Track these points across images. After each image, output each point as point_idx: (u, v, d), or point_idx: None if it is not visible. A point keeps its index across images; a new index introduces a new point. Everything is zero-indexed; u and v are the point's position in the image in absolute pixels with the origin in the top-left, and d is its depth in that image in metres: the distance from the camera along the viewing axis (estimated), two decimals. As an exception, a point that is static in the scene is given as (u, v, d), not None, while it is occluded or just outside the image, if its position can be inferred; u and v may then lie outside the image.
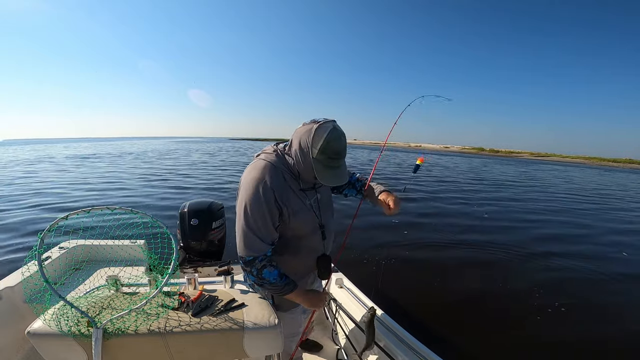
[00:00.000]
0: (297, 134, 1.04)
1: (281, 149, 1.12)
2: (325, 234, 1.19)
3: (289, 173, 1.08)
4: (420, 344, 1.32)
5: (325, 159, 0.99)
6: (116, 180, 10.30)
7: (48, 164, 16.15)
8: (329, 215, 1.25)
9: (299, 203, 1.10)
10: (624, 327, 2.88)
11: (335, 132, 0.98)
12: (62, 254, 1.87)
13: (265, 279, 1.05)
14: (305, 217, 1.12)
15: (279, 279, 1.06)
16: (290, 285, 1.10)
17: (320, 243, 1.19)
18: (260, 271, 1.04)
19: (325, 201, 1.24)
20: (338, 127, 1.00)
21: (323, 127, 0.98)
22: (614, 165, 56.10)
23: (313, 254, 1.20)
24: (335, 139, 0.98)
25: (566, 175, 21.50)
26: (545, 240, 5.33)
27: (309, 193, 1.15)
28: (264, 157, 1.09)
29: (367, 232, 5.15)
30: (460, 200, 8.74)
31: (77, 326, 0.96)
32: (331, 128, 0.98)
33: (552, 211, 8.04)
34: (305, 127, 1.02)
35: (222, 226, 2.01)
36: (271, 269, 1.05)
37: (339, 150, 1.00)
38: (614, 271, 4.13)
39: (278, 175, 1.04)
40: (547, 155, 77.53)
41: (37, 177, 10.69)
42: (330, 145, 0.97)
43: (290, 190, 1.07)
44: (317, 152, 0.98)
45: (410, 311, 2.89)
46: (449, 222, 6.19)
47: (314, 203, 1.16)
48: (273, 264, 1.06)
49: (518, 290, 3.47)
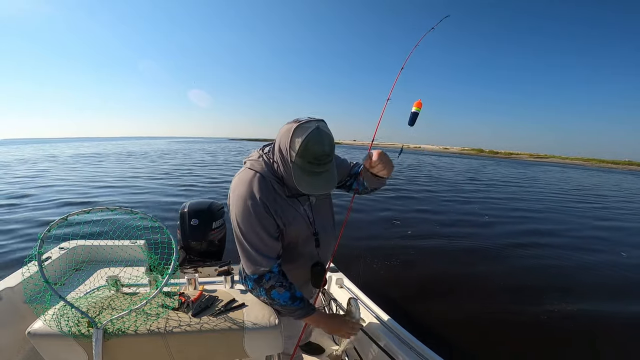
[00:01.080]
0: (278, 135, 0.95)
1: (267, 152, 1.03)
2: (320, 241, 1.11)
3: (277, 180, 1.00)
4: (421, 344, 1.32)
5: (304, 164, 0.88)
6: (132, 178, 10.68)
7: (52, 162, 16.45)
8: (325, 220, 1.16)
9: (292, 211, 1.02)
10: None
11: (317, 134, 0.86)
12: (62, 254, 1.87)
13: (275, 300, 1.00)
14: (299, 225, 1.04)
15: (290, 302, 0.99)
16: (304, 309, 1.03)
17: (314, 251, 1.11)
18: (269, 292, 0.98)
19: (321, 205, 1.14)
20: (323, 128, 0.88)
21: (303, 128, 0.87)
22: (613, 167, 56.25)
23: (308, 263, 1.13)
24: (315, 141, 0.85)
25: (562, 177, 21.54)
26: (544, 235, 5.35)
27: (301, 198, 1.06)
28: (250, 166, 1.01)
29: (367, 232, 5.16)
30: (461, 201, 8.75)
31: (78, 326, 0.95)
32: (313, 129, 0.86)
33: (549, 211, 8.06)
34: (286, 126, 0.92)
35: (222, 226, 2.01)
36: (281, 290, 0.98)
37: (318, 154, 0.86)
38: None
39: (267, 186, 0.97)
40: (547, 157, 77.76)
41: (51, 175, 10.94)
42: (309, 148, 0.85)
43: (281, 199, 1.00)
44: (296, 155, 0.88)
45: (410, 311, 2.89)
46: (449, 222, 6.19)
47: (307, 209, 1.08)
48: (284, 285, 0.98)
49: (518, 290, 3.47)
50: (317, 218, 1.11)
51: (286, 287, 0.99)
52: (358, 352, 1.58)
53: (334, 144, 0.91)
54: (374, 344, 1.43)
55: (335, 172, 0.96)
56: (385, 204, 7.60)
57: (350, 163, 1.24)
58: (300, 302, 1.02)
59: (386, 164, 1.00)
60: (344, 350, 1.21)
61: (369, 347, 1.48)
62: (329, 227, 1.18)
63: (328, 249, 1.17)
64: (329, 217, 1.20)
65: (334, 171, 0.96)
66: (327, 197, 1.19)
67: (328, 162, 0.91)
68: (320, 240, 1.11)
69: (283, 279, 1.00)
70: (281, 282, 0.99)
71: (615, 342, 2.66)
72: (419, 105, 1.05)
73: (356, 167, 1.22)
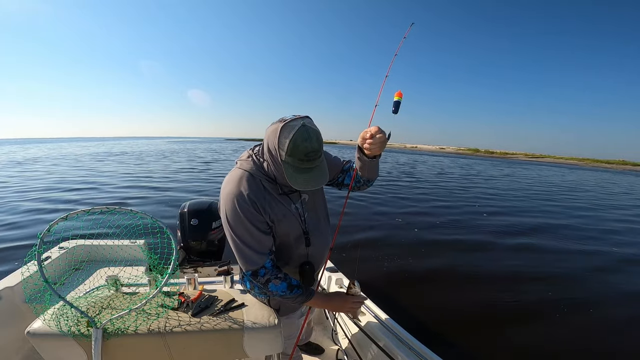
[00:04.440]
0: (266, 136, 0.95)
1: (257, 152, 1.04)
2: (311, 240, 1.10)
3: (267, 179, 1.00)
4: (420, 344, 1.32)
5: (295, 162, 0.89)
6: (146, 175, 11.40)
7: (51, 161, 16.67)
8: (318, 218, 1.15)
9: (283, 209, 1.02)
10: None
11: (304, 131, 0.86)
12: (62, 254, 1.87)
13: (273, 292, 1.01)
14: (290, 223, 1.04)
15: (289, 291, 1.01)
16: (304, 295, 1.04)
17: (303, 250, 1.10)
18: (266, 285, 1.00)
19: (313, 202, 1.14)
20: (309, 125, 0.88)
21: (289, 126, 0.87)
22: (607, 167, 56.26)
23: (297, 262, 1.12)
24: (303, 138, 0.86)
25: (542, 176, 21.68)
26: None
27: (293, 196, 1.06)
28: (239, 166, 1.02)
29: (366, 230, 5.16)
30: (461, 201, 8.76)
31: (77, 326, 0.96)
32: (299, 127, 0.86)
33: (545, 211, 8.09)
34: (272, 126, 0.92)
35: (222, 226, 2.01)
36: (277, 282, 0.99)
37: (308, 151, 0.87)
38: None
39: (256, 184, 0.98)
40: (542, 157, 78.05)
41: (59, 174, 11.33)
42: (298, 146, 0.86)
43: (271, 197, 1.00)
44: (285, 154, 0.88)
45: (410, 311, 2.89)
46: (448, 220, 6.20)
47: (299, 206, 1.07)
48: (279, 276, 1.00)
49: (518, 291, 3.47)
50: (309, 216, 1.11)
51: (281, 278, 1.00)
52: (357, 352, 1.58)
53: (321, 140, 0.92)
54: (373, 343, 1.43)
55: (326, 167, 0.98)
56: (385, 203, 7.61)
57: (341, 160, 1.25)
58: (298, 289, 1.03)
59: (380, 137, 1.00)
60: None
61: (369, 347, 1.48)
62: (323, 225, 1.17)
63: (320, 248, 1.15)
64: (323, 214, 1.19)
65: (325, 166, 0.97)
66: (319, 192, 1.18)
67: (318, 158, 0.92)
68: (312, 239, 1.10)
69: (277, 272, 1.01)
70: (276, 275, 1.00)
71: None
72: (399, 95, 1.17)
73: (348, 164, 1.24)
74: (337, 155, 1.25)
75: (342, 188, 1.25)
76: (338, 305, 1.18)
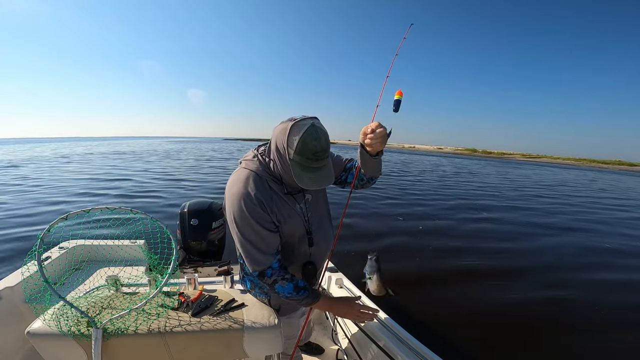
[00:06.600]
0: (274, 135, 0.96)
1: (262, 152, 1.04)
2: (314, 240, 1.10)
3: (272, 179, 1.01)
4: (420, 344, 1.32)
5: (303, 160, 0.89)
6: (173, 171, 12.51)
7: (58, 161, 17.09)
8: (321, 218, 1.16)
9: (289, 209, 1.03)
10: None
11: (313, 130, 0.87)
12: (62, 254, 1.87)
13: (280, 293, 1.01)
14: (295, 223, 1.05)
15: (295, 292, 1.01)
16: (310, 297, 1.04)
17: (307, 250, 1.11)
18: (273, 286, 1.00)
19: (316, 202, 1.14)
20: (318, 125, 0.90)
21: (299, 125, 0.89)
22: (603, 167, 56.29)
23: (300, 262, 1.12)
24: (312, 138, 0.87)
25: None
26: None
27: (297, 196, 1.06)
28: (245, 165, 1.02)
29: (366, 231, 5.16)
30: (462, 200, 8.76)
31: (77, 326, 0.96)
32: (308, 126, 0.88)
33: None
34: (281, 125, 0.93)
35: (222, 226, 2.01)
36: (284, 283, 1.00)
37: (316, 150, 0.88)
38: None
39: (262, 184, 0.98)
40: (538, 157, 78.13)
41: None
42: (307, 145, 0.87)
43: (277, 197, 1.00)
44: (294, 153, 0.89)
45: (410, 311, 2.89)
46: (447, 220, 6.19)
47: (303, 206, 1.08)
48: (286, 277, 1.00)
49: (518, 290, 3.47)
50: (313, 215, 1.11)
51: (288, 279, 1.00)
52: (357, 352, 1.58)
53: (329, 140, 0.94)
54: (373, 343, 1.43)
55: (332, 167, 0.99)
56: (384, 202, 7.61)
57: (344, 158, 1.25)
58: (305, 290, 1.03)
59: (381, 132, 0.99)
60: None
61: (369, 347, 1.48)
62: (326, 224, 1.18)
63: (323, 248, 1.16)
64: (325, 213, 1.20)
65: (331, 166, 0.98)
66: (322, 192, 1.19)
67: (325, 157, 0.93)
68: (315, 239, 1.10)
69: (284, 273, 1.01)
70: (282, 276, 1.00)
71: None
72: (400, 93, 1.17)
73: (351, 162, 1.24)
74: (339, 154, 1.25)
75: (345, 186, 1.25)
76: (344, 311, 1.17)
